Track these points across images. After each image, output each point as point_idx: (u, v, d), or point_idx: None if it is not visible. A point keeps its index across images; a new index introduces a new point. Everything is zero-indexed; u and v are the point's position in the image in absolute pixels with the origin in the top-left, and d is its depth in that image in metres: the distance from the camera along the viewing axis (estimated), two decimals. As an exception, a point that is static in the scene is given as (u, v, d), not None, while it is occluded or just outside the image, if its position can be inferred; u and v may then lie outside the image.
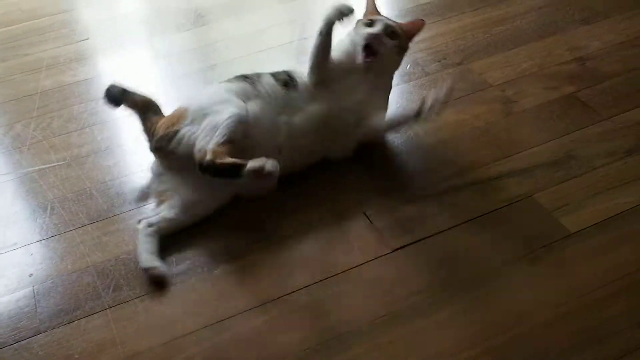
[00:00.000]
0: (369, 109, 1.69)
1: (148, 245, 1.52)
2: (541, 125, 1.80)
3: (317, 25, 1.67)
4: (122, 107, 1.72)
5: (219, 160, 1.49)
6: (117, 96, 1.72)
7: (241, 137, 1.56)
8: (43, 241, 1.62)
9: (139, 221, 1.57)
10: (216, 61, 2.25)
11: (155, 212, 1.61)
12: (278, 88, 1.68)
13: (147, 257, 1.51)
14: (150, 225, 1.55)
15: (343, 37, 1.76)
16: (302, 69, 1.73)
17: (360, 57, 1.67)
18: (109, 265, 1.53)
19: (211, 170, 1.50)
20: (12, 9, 2.69)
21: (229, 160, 1.50)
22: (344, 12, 1.64)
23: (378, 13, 1.81)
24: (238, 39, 2.37)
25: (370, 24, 1.72)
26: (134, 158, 1.86)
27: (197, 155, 1.53)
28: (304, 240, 1.55)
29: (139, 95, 1.73)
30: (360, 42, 1.68)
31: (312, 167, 1.72)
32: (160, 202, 1.63)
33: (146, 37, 2.49)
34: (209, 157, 1.50)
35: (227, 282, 1.47)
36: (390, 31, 1.71)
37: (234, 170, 1.48)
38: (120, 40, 2.45)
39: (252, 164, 1.46)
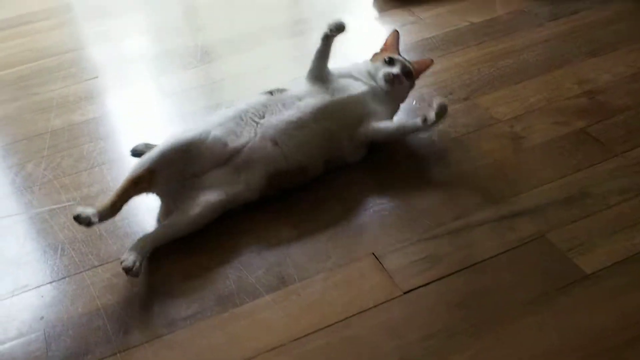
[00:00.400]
0: (372, 111, 1.81)
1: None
2: (552, 161, 1.79)
3: None
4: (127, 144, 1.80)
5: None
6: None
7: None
8: (54, 283, 1.62)
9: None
10: (222, 99, 2.27)
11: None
12: (262, 96, 1.82)
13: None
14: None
15: (359, 63, 1.95)
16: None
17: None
18: (119, 308, 1.53)
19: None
20: (22, 49, 2.73)
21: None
22: (339, 28, 1.81)
23: (397, 50, 1.93)
24: (243, 75, 2.39)
25: (390, 62, 1.86)
26: (143, 198, 1.85)
27: None
28: (312, 284, 1.53)
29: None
30: (380, 81, 1.86)
31: (321, 205, 1.73)
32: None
33: (153, 75, 2.52)
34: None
35: (236, 326, 1.46)
36: (406, 71, 1.86)
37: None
38: (128, 79, 2.47)
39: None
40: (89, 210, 1.56)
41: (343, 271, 1.55)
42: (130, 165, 1.96)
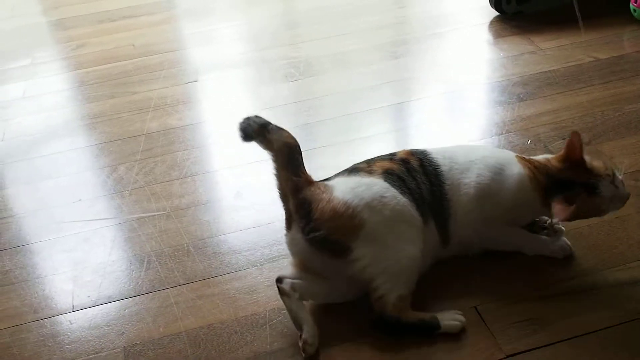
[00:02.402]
0: None
1: (306, 314, 1.40)
2: (680, 224, 1.63)
3: (428, 84, 1.55)
4: (225, 155, 1.59)
5: (406, 318, 1.39)
6: (255, 130, 1.47)
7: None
8: (137, 297, 1.57)
9: (280, 280, 1.43)
10: (322, 117, 2.18)
11: (296, 273, 1.45)
12: (427, 188, 1.51)
13: (312, 330, 1.38)
14: (294, 289, 1.42)
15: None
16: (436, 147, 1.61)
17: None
18: (202, 333, 1.46)
19: (395, 326, 1.38)
20: (124, 44, 2.74)
21: (417, 317, 1.40)
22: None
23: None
24: (345, 94, 2.30)
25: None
26: (234, 216, 1.80)
27: (376, 304, 1.39)
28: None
29: (281, 135, 1.47)
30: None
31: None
32: (301, 268, 1.47)
33: (253, 84, 2.47)
34: (393, 312, 1.37)
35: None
36: None
37: (425, 330, 1.39)
38: (227, 86, 2.43)
39: (447, 323, 1.39)
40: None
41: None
42: (223, 179, 1.93)
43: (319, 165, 1.89)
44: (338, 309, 1.47)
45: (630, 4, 2.50)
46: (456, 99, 2.26)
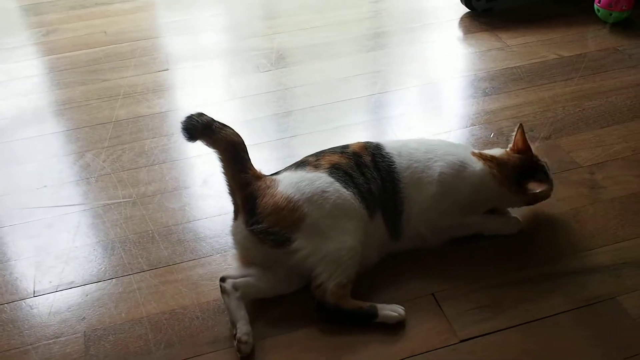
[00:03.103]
0: None
1: (243, 312, 1.42)
2: (632, 217, 1.66)
3: (399, 78, 1.58)
4: (191, 144, 1.51)
5: (345, 305, 1.42)
6: (198, 129, 1.47)
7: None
8: (100, 283, 1.58)
9: (223, 279, 1.46)
10: (292, 107, 2.20)
11: (240, 272, 1.49)
12: (378, 183, 1.54)
13: (245, 328, 1.40)
14: (236, 288, 1.45)
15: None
16: (391, 141, 1.65)
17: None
18: (163, 318, 1.48)
19: (333, 313, 1.42)
20: (96, 30, 2.73)
21: (356, 305, 1.44)
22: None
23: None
24: (317, 85, 2.32)
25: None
26: (200, 204, 1.82)
27: (316, 292, 1.43)
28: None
29: (226, 133, 1.48)
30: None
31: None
32: (245, 265, 1.51)
33: (225, 74, 2.47)
34: (331, 299, 1.42)
35: (276, 356, 1.39)
36: None
37: (363, 318, 1.43)
38: (199, 75, 2.43)
39: (385, 313, 1.43)
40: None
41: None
42: (190, 167, 1.94)
43: (285, 154, 1.92)
44: (280, 300, 1.50)
45: (595, 4, 2.54)
46: (425, 92, 2.29)
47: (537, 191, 1.55)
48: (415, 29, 2.69)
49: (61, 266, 1.63)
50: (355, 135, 2.03)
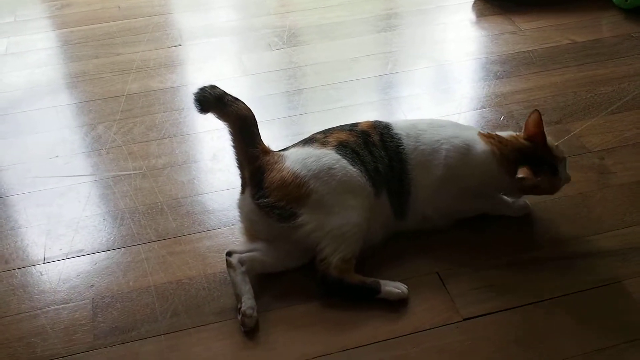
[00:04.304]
0: None
1: (248, 286, 1.43)
2: (640, 203, 1.68)
3: (410, 59, 1.57)
4: (211, 115, 1.52)
5: (348, 279, 1.43)
6: (210, 102, 1.49)
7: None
8: (109, 252, 1.60)
9: (229, 253, 1.47)
10: (303, 85, 2.21)
11: (246, 247, 1.51)
12: (385, 162, 1.54)
13: (250, 302, 1.41)
14: (242, 262, 1.46)
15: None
16: (400, 121, 1.64)
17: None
18: (170, 288, 1.50)
19: (336, 286, 1.44)
20: (110, 5, 2.74)
21: (359, 279, 1.45)
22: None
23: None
24: (328, 64, 2.33)
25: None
26: (209, 177, 1.83)
27: (320, 266, 1.44)
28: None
29: (237, 107, 1.49)
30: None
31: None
32: (251, 239, 1.53)
33: (237, 51, 2.48)
34: (334, 272, 1.43)
35: (280, 328, 1.40)
36: None
37: (366, 293, 1.44)
38: (210, 51, 2.44)
39: (388, 289, 1.43)
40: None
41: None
42: (200, 141, 1.96)
43: (295, 132, 1.93)
44: (284, 276, 1.51)
45: (611, -10, 2.53)
46: (435, 74, 2.29)
47: (519, 176, 1.49)
48: (428, 11, 2.68)
49: (71, 234, 1.65)
50: (364, 114, 2.02)
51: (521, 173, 1.49)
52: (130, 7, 2.74)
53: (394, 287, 1.44)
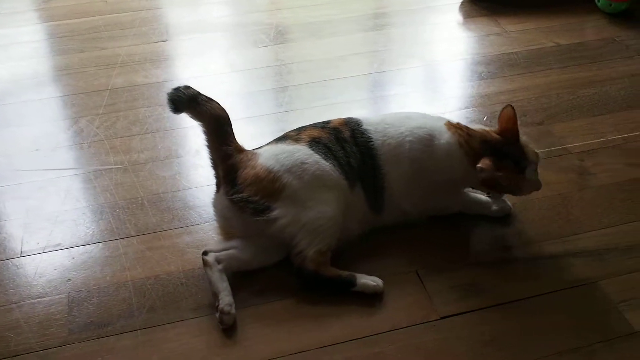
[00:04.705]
0: None
1: (225, 284, 1.43)
2: (618, 205, 1.67)
3: (397, 58, 1.57)
4: (185, 115, 1.54)
5: (323, 272, 1.44)
6: (184, 102, 1.50)
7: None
8: (87, 246, 1.60)
9: (205, 253, 1.48)
10: (289, 83, 2.21)
11: (222, 246, 1.51)
12: (357, 157, 1.54)
13: (228, 299, 1.41)
14: (218, 261, 1.46)
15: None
16: (371, 117, 1.65)
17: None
18: (148, 283, 1.49)
19: (312, 279, 1.44)
20: (97, -1, 2.73)
21: (335, 272, 1.45)
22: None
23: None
24: (314, 62, 2.32)
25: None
26: (191, 173, 1.83)
27: (296, 259, 1.45)
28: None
29: (211, 107, 1.51)
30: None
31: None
32: (227, 238, 1.53)
33: (224, 48, 2.48)
34: (310, 265, 1.43)
35: (256, 325, 1.40)
36: None
37: (342, 286, 1.45)
38: (197, 48, 2.43)
39: (364, 281, 1.44)
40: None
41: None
42: (183, 137, 1.95)
43: (279, 128, 1.91)
44: (261, 272, 1.51)
45: (595, -6, 2.55)
46: (421, 74, 2.30)
47: (478, 166, 1.47)
48: (415, 11, 2.69)
49: (50, 228, 1.65)
50: (349, 112, 2.00)
51: (481, 164, 1.48)
52: (118, 2, 2.72)
53: (369, 280, 1.45)
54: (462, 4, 2.69)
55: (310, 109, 2.07)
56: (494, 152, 1.51)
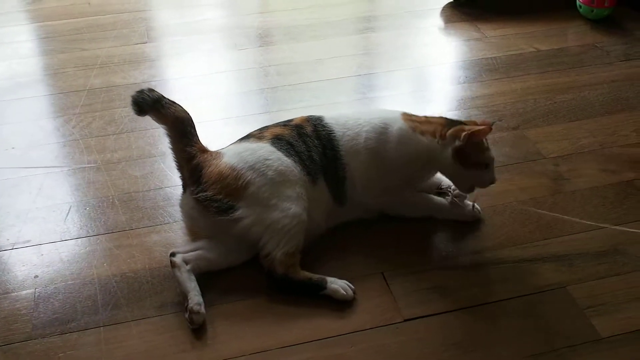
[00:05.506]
0: None
1: (194, 284, 1.43)
2: (591, 210, 1.67)
3: (378, 62, 1.58)
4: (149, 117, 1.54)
5: (293, 275, 1.44)
6: (148, 104, 1.51)
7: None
8: (56, 243, 1.59)
9: (173, 254, 1.47)
10: (265, 85, 2.21)
11: (190, 247, 1.51)
12: (319, 151, 1.56)
13: (197, 298, 1.40)
14: (186, 261, 1.46)
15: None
16: (333, 113, 1.66)
17: None
18: (114, 281, 1.49)
19: (283, 283, 1.44)
20: (80, 1, 2.73)
21: (305, 275, 1.45)
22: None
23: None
24: (293, 65, 2.33)
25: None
26: (163, 173, 1.82)
27: (265, 262, 1.45)
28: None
29: (174, 109, 1.52)
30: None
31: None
32: (195, 238, 1.54)
33: (204, 50, 2.48)
34: (280, 269, 1.43)
35: (222, 324, 1.39)
36: None
37: (312, 290, 1.44)
38: (178, 50, 2.44)
39: (335, 287, 1.43)
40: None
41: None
42: (157, 137, 1.95)
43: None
44: (230, 271, 1.50)
45: (577, 0, 2.55)
46: (399, 78, 2.29)
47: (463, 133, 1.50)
48: (397, 16, 2.70)
49: (20, 225, 1.64)
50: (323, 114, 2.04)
51: (452, 129, 1.52)
52: (101, 4, 2.73)
53: (340, 287, 1.44)
54: (443, 9, 2.70)
55: (286, 111, 2.05)
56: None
